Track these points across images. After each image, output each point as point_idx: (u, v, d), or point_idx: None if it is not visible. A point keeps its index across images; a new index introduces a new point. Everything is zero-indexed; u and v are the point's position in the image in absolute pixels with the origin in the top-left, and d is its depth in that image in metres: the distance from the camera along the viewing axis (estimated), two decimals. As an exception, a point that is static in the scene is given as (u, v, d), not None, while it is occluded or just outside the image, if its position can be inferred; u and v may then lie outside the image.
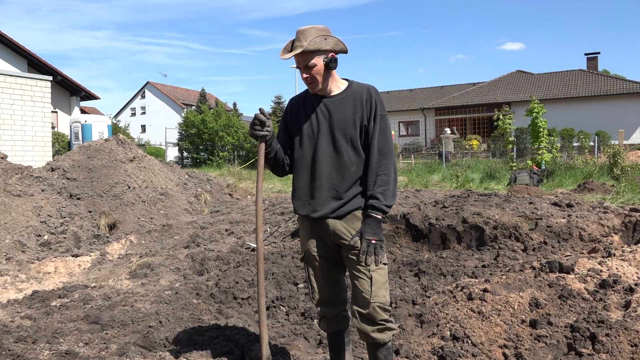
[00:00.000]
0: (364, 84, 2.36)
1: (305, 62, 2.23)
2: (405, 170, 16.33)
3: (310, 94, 2.37)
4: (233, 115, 29.02)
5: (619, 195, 8.87)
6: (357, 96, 2.30)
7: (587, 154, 18.88)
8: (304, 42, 2.18)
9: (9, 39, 18.05)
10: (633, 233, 5.06)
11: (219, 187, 10.35)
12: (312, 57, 2.22)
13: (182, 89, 56.90)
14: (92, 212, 6.97)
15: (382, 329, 2.26)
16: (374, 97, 2.30)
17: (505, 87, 33.33)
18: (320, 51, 2.22)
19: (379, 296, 2.23)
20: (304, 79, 2.28)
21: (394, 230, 5.59)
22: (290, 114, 2.42)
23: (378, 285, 2.23)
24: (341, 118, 2.28)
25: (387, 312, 2.26)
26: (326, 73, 2.27)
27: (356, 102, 2.29)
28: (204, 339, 3.02)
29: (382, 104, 2.32)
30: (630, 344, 2.52)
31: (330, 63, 2.24)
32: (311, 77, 2.25)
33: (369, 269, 2.22)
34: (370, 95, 2.30)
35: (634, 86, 28.08)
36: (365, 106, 2.28)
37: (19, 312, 3.55)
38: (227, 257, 5.03)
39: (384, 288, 2.26)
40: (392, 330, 2.29)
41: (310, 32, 2.20)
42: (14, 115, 10.93)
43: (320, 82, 2.27)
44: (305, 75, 2.26)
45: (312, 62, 2.23)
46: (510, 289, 3.18)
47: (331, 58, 2.25)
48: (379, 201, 2.20)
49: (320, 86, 2.29)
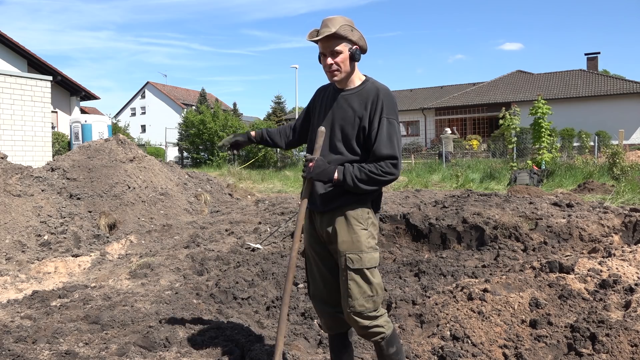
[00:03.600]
0: (378, 84, 2.28)
1: (332, 47, 2.19)
2: (405, 170, 16.33)
3: (332, 86, 2.37)
4: (232, 115, 29.04)
5: (619, 195, 8.87)
6: (366, 95, 2.24)
7: (587, 154, 18.87)
8: (333, 28, 2.16)
9: (8, 39, 18.06)
10: (633, 233, 5.06)
11: (219, 187, 10.35)
12: (339, 43, 2.19)
13: (182, 89, 56.93)
14: (92, 212, 6.97)
15: (365, 334, 2.26)
16: (382, 98, 2.21)
17: (505, 87, 33.33)
18: (347, 39, 2.20)
19: (354, 306, 2.18)
20: (327, 66, 2.23)
21: (394, 230, 5.60)
22: (314, 102, 2.47)
23: (355, 295, 2.17)
24: (344, 114, 2.25)
25: (368, 319, 2.21)
26: (350, 64, 2.23)
27: (362, 101, 2.23)
28: (204, 339, 3.02)
29: (391, 107, 2.21)
30: (630, 344, 2.52)
31: (356, 54, 2.21)
32: (336, 64, 2.22)
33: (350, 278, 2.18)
34: (377, 96, 2.22)
35: (634, 86, 28.08)
36: (370, 107, 2.21)
37: (19, 312, 3.55)
38: (227, 257, 5.03)
39: (365, 297, 2.18)
40: (378, 334, 2.24)
41: (338, 20, 2.20)
42: (14, 115, 10.93)
43: (343, 71, 2.24)
44: (330, 61, 2.22)
45: (338, 48, 2.20)
46: (510, 289, 3.18)
47: (356, 49, 2.21)
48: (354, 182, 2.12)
49: (342, 75, 2.25)
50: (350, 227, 2.20)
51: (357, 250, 2.18)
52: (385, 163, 2.15)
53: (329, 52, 2.21)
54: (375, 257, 2.23)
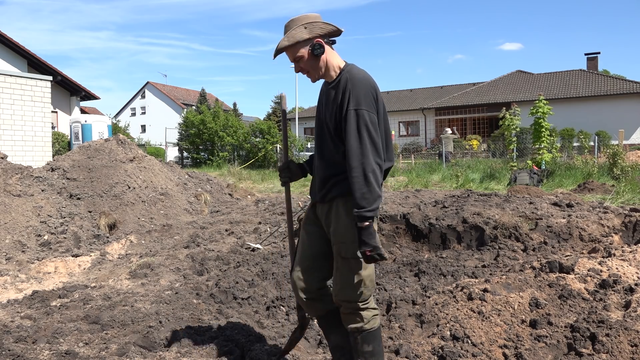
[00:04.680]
0: (350, 73, 2.17)
1: (292, 56, 2.22)
2: (405, 170, 16.33)
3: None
4: (231, 115, 29.04)
5: (619, 195, 8.87)
6: (339, 87, 2.18)
7: (587, 154, 18.86)
8: (283, 41, 2.18)
9: (8, 39, 18.06)
10: (633, 233, 5.06)
11: (219, 187, 10.35)
12: (296, 50, 2.19)
13: (182, 89, 56.93)
14: (92, 212, 6.97)
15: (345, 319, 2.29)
16: (349, 89, 2.10)
17: (505, 87, 33.34)
18: (301, 42, 2.17)
19: (339, 295, 2.24)
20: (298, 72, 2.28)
21: (394, 230, 5.59)
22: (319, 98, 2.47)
23: (343, 283, 2.22)
24: (328, 107, 2.23)
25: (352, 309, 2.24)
26: (314, 61, 2.20)
27: (337, 95, 2.17)
28: (204, 339, 3.02)
29: (359, 96, 2.09)
30: (630, 344, 2.52)
31: (314, 50, 2.17)
32: (302, 69, 2.23)
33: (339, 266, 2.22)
34: (345, 87, 2.12)
35: (634, 86, 28.08)
36: (340, 100, 2.13)
37: (19, 312, 3.55)
38: (227, 257, 5.03)
39: (351, 286, 2.20)
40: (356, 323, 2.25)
41: (290, 26, 2.19)
42: (14, 115, 10.93)
43: (313, 71, 2.23)
44: (296, 69, 2.25)
45: (297, 55, 2.20)
46: (510, 289, 3.18)
47: (315, 44, 2.17)
48: (358, 210, 2.05)
49: (316, 75, 2.25)
50: (342, 217, 2.22)
51: (348, 240, 2.19)
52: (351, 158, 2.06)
53: (293, 61, 2.23)
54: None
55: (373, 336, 2.30)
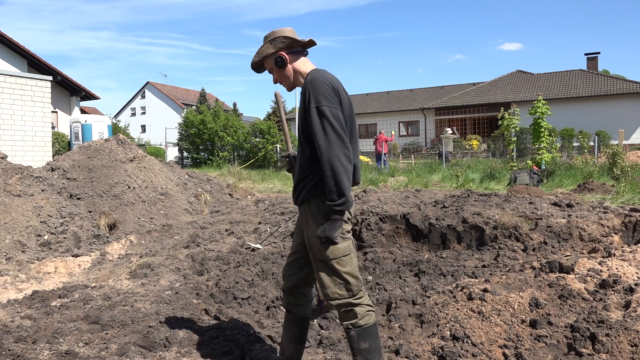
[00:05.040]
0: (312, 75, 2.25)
1: (267, 69, 2.42)
2: (405, 170, 16.33)
3: None
4: (231, 115, 29.04)
5: (619, 195, 8.87)
6: (304, 89, 2.27)
7: (587, 154, 18.86)
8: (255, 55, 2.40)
9: (8, 39, 18.06)
10: (633, 233, 5.06)
11: (219, 187, 10.35)
12: (267, 64, 2.40)
13: (182, 89, 56.91)
14: (92, 212, 6.97)
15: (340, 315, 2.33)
16: (309, 89, 2.19)
17: (505, 87, 33.33)
18: (268, 57, 2.36)
19: (328, 294, 2.28)
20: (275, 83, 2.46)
21: (394, 230, 5.59)
22: None
23: (326, 283, 2.25)
24: (299, 112, 2.36)
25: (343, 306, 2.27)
26: (280, 72, 2.37)
27: (302, 96, 2.28)
28: (204, 339, 3.02)
29: (318, 94, 2.15)
30: (630, 344, 2.52)
31: (276, 62, 2.35)
32: (276, 80, 2.43)
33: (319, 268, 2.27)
34: (306, 87, 2.22)
35: (634, 86, 28.08)
36: (303, 100, 2.24)
37: (19, 312, 3.55)
38: (227, 257, 5.03)
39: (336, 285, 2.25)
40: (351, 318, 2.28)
41: (262, 43, 2.38)
42: (14, 115, 10.94)
43: (285, 81, 2.40)
44: (273, 80, 2.44)
45: (269, 68, 2.42)
46: (510, 289, 3.18)
47: (276, 58, 2.34)
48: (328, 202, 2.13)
49: (288, 83, 2.41)
50: (310, 223, 2.26)
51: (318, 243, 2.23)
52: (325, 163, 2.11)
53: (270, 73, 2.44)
54: (341, 247, 2.22)
55: (368, 332, 2.31)
